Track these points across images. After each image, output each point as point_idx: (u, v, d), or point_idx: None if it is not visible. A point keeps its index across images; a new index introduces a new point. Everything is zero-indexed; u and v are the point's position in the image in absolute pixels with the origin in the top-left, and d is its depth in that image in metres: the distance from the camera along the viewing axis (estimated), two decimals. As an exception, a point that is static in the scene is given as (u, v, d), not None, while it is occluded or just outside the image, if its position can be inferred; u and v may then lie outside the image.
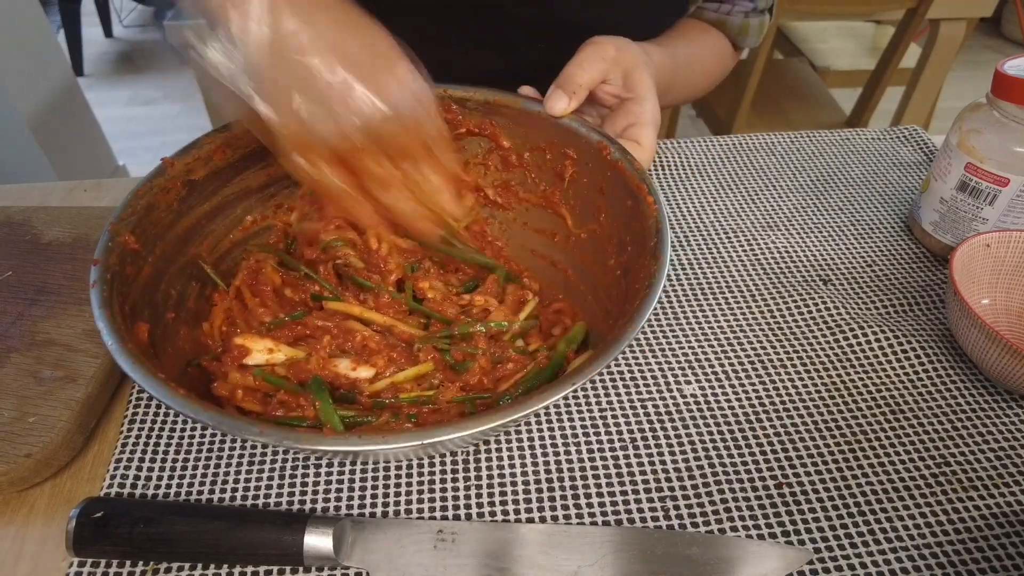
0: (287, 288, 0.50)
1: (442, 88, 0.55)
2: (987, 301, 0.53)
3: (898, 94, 1.54)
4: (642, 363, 0.50)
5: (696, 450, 0.44)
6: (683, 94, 0.78)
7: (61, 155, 1.70)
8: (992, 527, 0.40)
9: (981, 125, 0.52)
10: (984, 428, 0.46)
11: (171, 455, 0.44)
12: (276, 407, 0.42)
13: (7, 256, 0.54)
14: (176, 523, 0.37)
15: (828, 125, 1.57)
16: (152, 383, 0.35)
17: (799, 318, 0.53)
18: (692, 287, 0.56)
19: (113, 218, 0.43)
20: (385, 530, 0.38)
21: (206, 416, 0.33)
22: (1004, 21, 3.00)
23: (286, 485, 0.42)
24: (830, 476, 0.43)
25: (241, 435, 0.33)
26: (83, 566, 0.38)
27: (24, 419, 0.42)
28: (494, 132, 0.56)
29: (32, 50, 1.61)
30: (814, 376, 0.49)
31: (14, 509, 0.42)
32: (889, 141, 0.73)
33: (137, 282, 0.43)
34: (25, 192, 0.66)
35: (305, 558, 0.36)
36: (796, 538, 0.40)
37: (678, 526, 0.41)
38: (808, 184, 0.67)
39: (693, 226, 0.62)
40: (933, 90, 1.47)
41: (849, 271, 0.58)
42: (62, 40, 2.61)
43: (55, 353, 0.46)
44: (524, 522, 0.41)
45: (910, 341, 0.51)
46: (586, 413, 0.46)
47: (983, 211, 0.54)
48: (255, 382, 0.43)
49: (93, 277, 0.40)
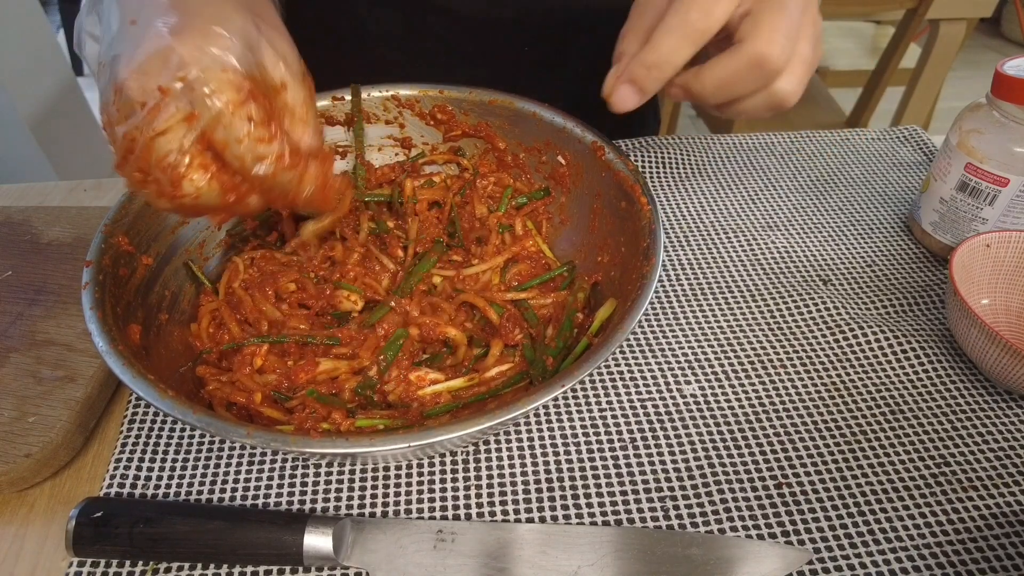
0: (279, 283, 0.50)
1: (438, 89, 0.56)
2: (987, 301, 0.53)
3: (898, 94, 1.54)
4: (642, 363, 0.50)
5: (696, 450, 0.44)
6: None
7: (61, 155, 1.70)
8: (992, 527, 0.40)
9: (981, 125, 0.52)
10: (984, 428, 0.46)
11: (171, 455, 0.44)
12: (306, 419, 0.41)
13: (7, 256, 0.54)
14: (176, 523, 0.37)
15: (828, 125, 1.57)
16: (141, 384, 0.35)
17: (799, 318, 0.53)
18: (692, 287, 0.56)
19: (107, 219, 0.44)
20: (385, 530, 0.38)
21: (194, 418, 0.33)
22: (1004, 21, 3.00)
23: (286, 485, 0.42)
24: (830, 476, 0.43)
25: (229, 437, 0.33)
26: (83, 566, 0.38)
27: (24, 419, 0.42)
28: (489, 133, 0.56)
29: (32, 50, 1.61)
30: (814, 376, 0.49)
31: (14, 509, 0.42)
32: (889, 141, 0.73)
33: (130, 283, 0.43)
34: (25, 192, 0.66)
35: (305, 558, 0.36)
36: (796, 538, 0.40)
37: (678, 526, 0.41)
38: (808, 184, 0.67)
39: (693, 226, 0.62)
40: (933, 90, 1.47)
41: (849, 271, 0.58)
42: (62, 40, 2.61)
43: (55, 353, 0.46)
44: (524, 522, 0.41)
45: (910, 341, 0.51)
46: (586, 413, 0.46)
47: (983, 211, 0.54)
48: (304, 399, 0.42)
49: (85, 279, 0.40)
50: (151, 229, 0.47)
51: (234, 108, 0.33)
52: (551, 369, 0.44)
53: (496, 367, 0.45)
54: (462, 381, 0.44)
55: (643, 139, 0.70)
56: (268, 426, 0.40)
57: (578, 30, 0.66)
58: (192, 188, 0.35)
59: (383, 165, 0.58)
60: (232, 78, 0.33)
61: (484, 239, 0.53)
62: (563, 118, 0.53)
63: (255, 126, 0.34)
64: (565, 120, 0.53)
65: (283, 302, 0.49)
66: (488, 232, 0.53)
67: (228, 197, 0.36)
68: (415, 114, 0.57)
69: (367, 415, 0.42)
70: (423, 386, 0.43)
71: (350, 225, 0.53)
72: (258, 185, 0.37)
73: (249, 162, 0.35)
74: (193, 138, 0.34)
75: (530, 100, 0.54)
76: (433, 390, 0.43)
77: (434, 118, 0.57)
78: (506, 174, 0.57)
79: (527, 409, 0.34)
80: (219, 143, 0.34)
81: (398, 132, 0.59)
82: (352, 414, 0.42)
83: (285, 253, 0.52)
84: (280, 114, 0.37)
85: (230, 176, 0.36)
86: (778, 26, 0.38)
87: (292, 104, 0.37)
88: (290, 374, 0.43)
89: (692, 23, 0.38)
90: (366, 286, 0.49)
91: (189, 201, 0.35)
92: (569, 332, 0.46)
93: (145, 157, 0.34)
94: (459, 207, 0.55)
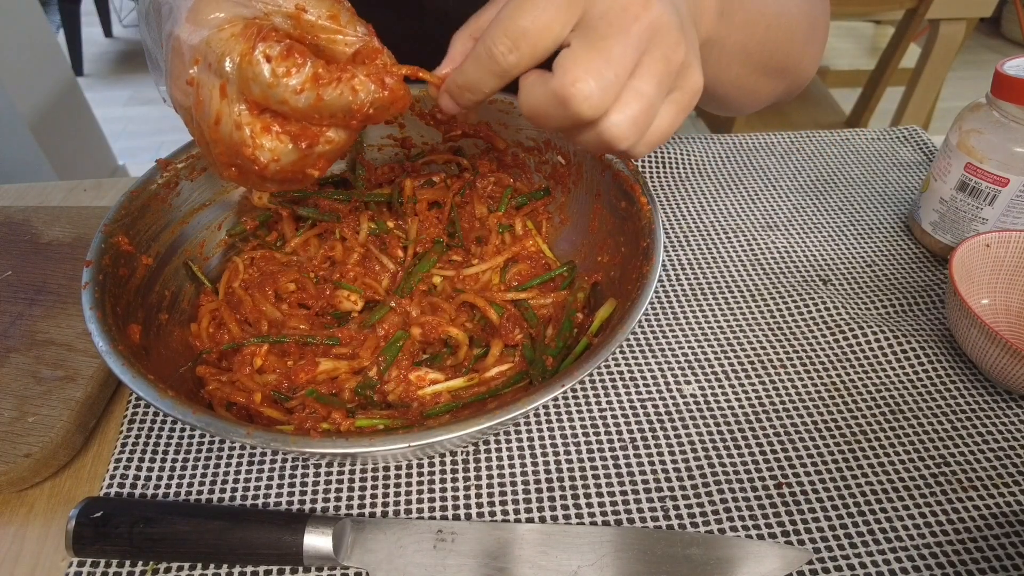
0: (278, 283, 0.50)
1: None
2: (987, 301, 0.53)
3: (898, 94, 1.54)
4: (642, 363, 0.50)
5: (696, 450, 0.44)
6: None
7: (61, 155, 1.70)
8: (992, 527, 0.40)
9: (981, 125, 0.52)
10: (984, 428, 0.46)
11: (171, 455, 0.44)
12: (306, 419, 0.41)
13: (7, 256, 0.54)
14: (176, 523, 0.37)
15: (828, 125, 1.57)
16: (141, 384, 0.35)
17: (799, 318, 0.53)
18: (692, 287, 0.56)
19: (107, 219, 0.43)
20: (385, 530, 0.38)
21: (194, 418, 0.33)
22: (1004, 21, 3.00)
23: (286, 485, 0.42)
24: (830, 476, 0.43)
25: (229, 437, 0.33)
26: (83, 566, 0.38)
27: (24, 419, 0.42)
28: (489, 133, 0.56)
29: (32, 50, 1.61)
30: (814, 376, 0.49)
31: (14, 509, 0.42)
32: (889, 141, 0.73)
33: (130, 283, 0.43)
34: (25, 192, 0.67)
35: (305, 558, 0.36)
36: (796, 538, 0.40)
37: (678, 526, 0.41)
38: (808, 184, 0.67)
39: (693, 226, 0.62)
40: (933, 90, 1.47)
41: (849, 271, 0.58)
42: (62, 40, 2.61)
43: (55, 353, 0.46)
44: (524, 522, 0.41)
45: (910, 341, 0.51)
46: (586, 413, 0.46)
47: (983, 211, 0.54)
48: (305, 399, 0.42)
49: (85, 279, 0.40)
50: (151, 229, 0.47)
51: (246, 56, 0.32)
52: (551, 369, 0.44)
53: (496, 367, 0.45)
54: (462, 381, 0.44)
55: (643, 139, 0.70)
56: (268, 426, 0.40)
57: None
58: (268, 155, 0.34)
59: (383, 165, 0.58)
60: (233, 31, 0.33)
61: (484, 239, 0.53)
62: None
63: (276, 63, 0.32)
64: None
65: (283, 302, 0.49)
66: (488, 232, 0.53)
67: (302, 145, 0.35)
68: (415, 114, 0.57)
69: (367, 415, 0.42)
70: (423, 386, 0.43)
71: (350, 225, 0.53)
72: (320, 118, 0.35)
73: (290, 99, 0.33)
74: (238, 108, 0.33)
75: None
76: (433, 390, 0.43)
77: (434, 118, 0.57)
78: (506, 174, 0.57)
79: (527, 409, 0.34)
80: (260, 98, 0.33)
81: (398, 132, 0.59)
82: (352, 414, 0.42)
83: (285, 253, 0.52)
84: (307, 37, 0.35)
85: (293, 125, 0.35)
86: (591, 65, 0.32)
87: (316, 20, 0.35)
88: (290, 374, 0.43)
89: (496, 59, 0.33)
90: (366, 286, 0.49)
91: (276, 168, 0.35)
92: (569, 332, 0.46)
93: (222, 151, 0.34)
94: (459, 207, 0.55)
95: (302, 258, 0.51)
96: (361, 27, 0.36)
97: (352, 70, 0.34)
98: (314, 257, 0.51)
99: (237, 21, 0.33)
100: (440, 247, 0.53)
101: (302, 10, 0.34)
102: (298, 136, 0.35)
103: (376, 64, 0.35)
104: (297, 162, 0.36)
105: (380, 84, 0.35)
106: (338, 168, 0.59)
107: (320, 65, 0.33)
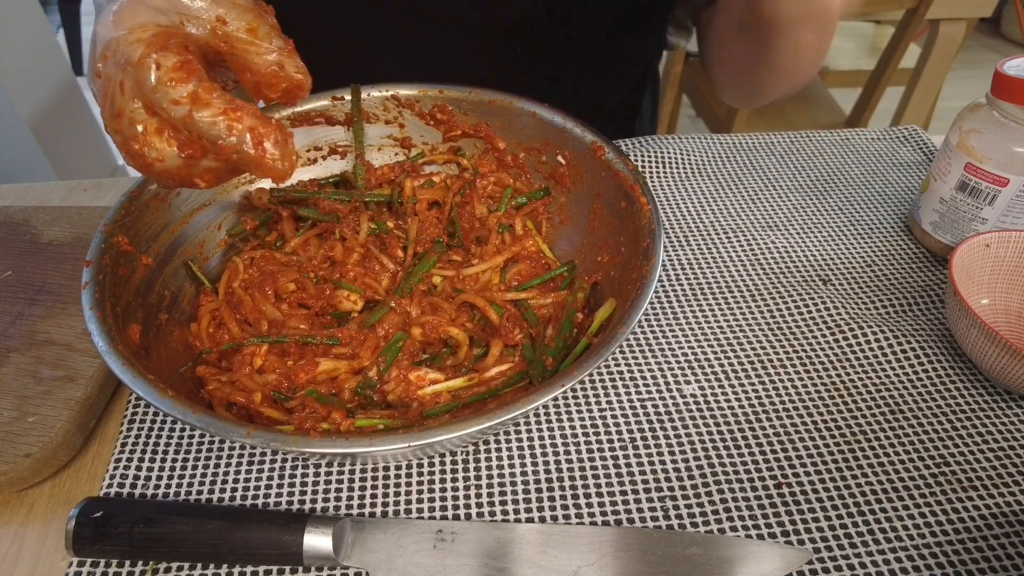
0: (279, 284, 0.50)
1: (438, 88, 0.56)
2: (986, 301, 0.53)
3: (898, 94, 1.54)
4: (642, 363, 0.50)
5: (696, 450, 0.44)
6: None
7: (61, 155, 1.70)
8: (992, 527, 0.40)
9: (981, 125, 0.52)
10: (984, 428, 0.46)
11: (171, 455, 0.44)
12: (305, 419, 0.41)
13: (7, 256, 0.54)
14: (176, 523, 0.37)
15: (828, 125, 1.57)
16: (141, 384, 0.35)
17: (799, 318, 0.53)
18: (692, 287, 0.56)
19: (107, 219, 0.43)
20: (385, 530, 0.38)
21: (194, 418, 0.33)
22: (1004, 21, 3.00)
23: (286, 485, 0.42)
24: (830, 476, 0.43)
25: (229, 437, 0.33)
26: (83, 566, 0.38)
27: (24, 419, 0.42)
28: (489, 133, 0.56)
29: (32, 50, 1.61)
30: (814, 376, 0.49)
31: (14, 509, 0.42)
32: (889, 141, 0.73)
33: (130, 283, 0.43)
34: (24, 192, 0.66)
35: (305, 558, 0.36)
36: (796, 538, 0.40)
37: (678, 526, 0.41)
38: (808, 184, 0.67)
39: (693, 226, 0.62)
40: (933, 90, 1.47)
41: (849, 271, 0.58)
42: (62, 40, 2.61)
43: (54, 353, 0.46)
44: (524, 522, 0.41)
45: (910, 341, 0.51)
46: (586, 413, 0.46)
47: (983, 211, 0.54)
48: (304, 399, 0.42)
49: (85, 279, 0.40)
50: (151, 229, 0.47)
51: (141, 60, 0.33)
52: (551, 369, 0.44)
53: (496, 367, 0.45)
54: (462, 381, 0.44)
55: (643, 139, 0.70)
56: (268, 426, 0.40)
57: (567, 28, 0.66)
58: (154, 155, 0.35)
59: (383, 165, 0.58)
60: (141, 36, 0.34)
61: (484, 239, 0.53)
62: (563, 118, 0.53)
63: (164, 71, 0.33)
64: (565, 120, 0.53)
65: (283, 302, 0.49)
66: (488, 232, 0.53)
67: (184, 154, 0.35)
68: (415, 114, 0.57)
69: (367, 415, 0.42)
70: (423, 386, 0.43)
71: (350, 225, 0.53)
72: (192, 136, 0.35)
73: (168, 108, 0.33)
74: (133, 106, 0.34)
75: (530, 100, 0.54)
76: (433, 390, 0.43)
77: (434, 118, 0.57)
78: (506, 174, 0.57)
79: (527, 409, 0.34)
80: (147, 101, 0.34)
81: (398, 132, 0.59)
82: (352, 414, 0.42)
83: (285, 253, 0.52)
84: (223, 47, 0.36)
85: (183, 133, 0.35)
86: None
87: (234, 32, 0.36)
88: (290, 374, 0.43)
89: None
90: (366, 286, 0.49)
91: (161, 168, 0.36)
92: (569, 332, 0.46)
93: (120, 142, 0.36)
94: (459, 207, 0.55)
95: (302, 258, 0.51)
96: (278, 40, 0.37)
97: (246, 111, 0.34)
98: (314, 257, 0.51)
99: (149, 27, 0.35)
100: (440, 247, 0.53)
101: (222, 21, 0.36)
102: (184, 145, 0.35)
103: (274, 123, 0.35)
104: (182, 168, 0.36)
105: (257, 142, 0.34)
106: (338, 168, 0.59)
107: (209, 89, 0.34)
